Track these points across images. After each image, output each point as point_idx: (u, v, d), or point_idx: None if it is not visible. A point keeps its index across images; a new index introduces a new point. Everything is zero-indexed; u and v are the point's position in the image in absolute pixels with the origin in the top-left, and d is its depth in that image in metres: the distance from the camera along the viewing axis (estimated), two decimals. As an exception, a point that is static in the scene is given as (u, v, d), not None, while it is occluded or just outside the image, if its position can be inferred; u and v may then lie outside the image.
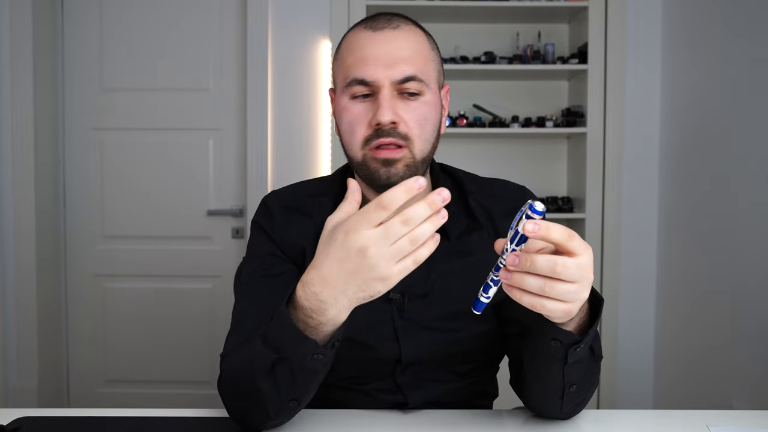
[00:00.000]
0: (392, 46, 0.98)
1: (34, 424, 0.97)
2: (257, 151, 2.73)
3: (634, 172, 2.73)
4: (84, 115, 2.84)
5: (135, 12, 2.80)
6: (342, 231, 0.75)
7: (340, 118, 1.02)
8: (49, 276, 2.78)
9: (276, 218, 1.09)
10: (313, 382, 0.88)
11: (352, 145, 1.01)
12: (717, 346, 2.23)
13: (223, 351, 1.00)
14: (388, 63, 0.97)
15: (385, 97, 0.97)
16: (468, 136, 2.82)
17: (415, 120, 0.99)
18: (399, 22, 1.01)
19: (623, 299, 2.74)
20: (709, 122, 2.32)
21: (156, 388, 2.84)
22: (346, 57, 1.01)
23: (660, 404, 2.67)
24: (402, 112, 0.98)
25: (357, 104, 1.00)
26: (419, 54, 1.00)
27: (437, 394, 1.07)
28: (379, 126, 0.97)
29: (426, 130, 1.00)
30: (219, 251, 2.83)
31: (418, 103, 0.99)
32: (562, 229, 0.73)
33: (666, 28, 2.68)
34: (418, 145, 0.99)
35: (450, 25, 2.82)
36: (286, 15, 2.72)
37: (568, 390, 0.91)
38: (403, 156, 0.98)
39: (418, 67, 0.99)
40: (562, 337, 0.84)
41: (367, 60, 0.98)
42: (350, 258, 0.74)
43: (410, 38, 1.01)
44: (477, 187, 1.12)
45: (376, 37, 0.99)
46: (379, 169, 0.99)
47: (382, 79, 0.97)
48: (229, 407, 0.95)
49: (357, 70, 0.98)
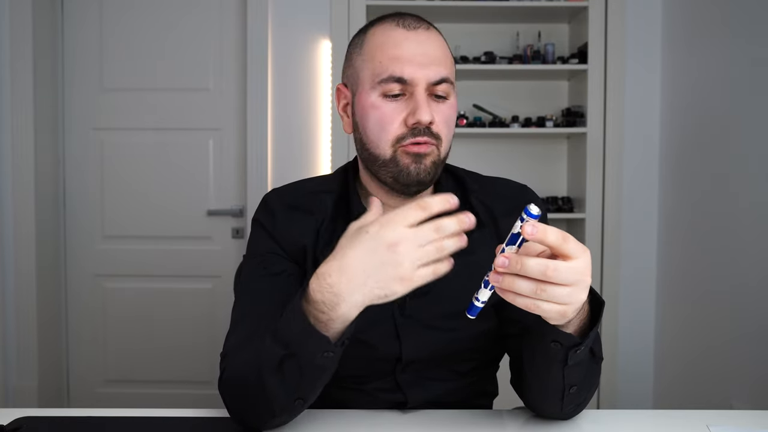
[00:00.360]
0: (427, 46, 0.99)
1: (34, 424, 0.97)
2: (257, 151, 2.73)
3: (634, 172, 2.73)
4: (84, 115, 2.84)
5: (135, 12, 2.80)
6: (377, 223, 0.76)
7: (365, 115, 1.01)
8: (49, 276, 2.78)
9: (277, 216, 1.09)
10: (320, 380, 0.88)
11: (381, 142, 1.00)
12: (717, 346, 2.23)
13: (222, 350, 1.00)
14: (423, 63, 0.98)
15: (423, 97, 0.98)
16: (468, 136, 2.82)
17: (444, 121, 1.01)
18: (428, 24, 1.03)
19: (623, 299, 2.74)
20: (709, 122, 2.32)
21: (156, 388, 2.84)
22: (377, 53, 1.00)
23: (660, 404, 2.67)
24: (434, 113, 0.99)
25: (388, 103, 0.99)
26: (447, 57, 1.02)
27: (437, 393, 1.07)
28: (416, 125, 0.98)
29: (451, 131, 1.03)
30: (219, 251, 2.83)
31: (446, 106, 1.01)
32: (557, 232, 0.73)
33: (666, 28, 2.68)
34: (444, 144, 1.02)
35: (450, 25, 2.82)
36: (286, 15, 2.72)
37: (568, 391, 0.91)
38: (432, 152, 1.00)
39: (448, 70, 1.01)
40: (562, 339, 0.84)
41: (403, 58, 0.98)
42: (379, 250, 0.75)
43: (440, 40, 1.03)
44: (479, 186, 1.12)
45: (412, 36, 0.99)
46: (410, 165, 0.99)
47: (419, 78, 0.98)
48: (231, 406, 0.95)
49: (394, 67, 0.98)
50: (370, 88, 1.00)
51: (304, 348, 0.83)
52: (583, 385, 0.92)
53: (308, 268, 1.07)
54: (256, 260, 1.08)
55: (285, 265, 1.06)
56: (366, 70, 1.01)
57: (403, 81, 0.98)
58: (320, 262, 1.05)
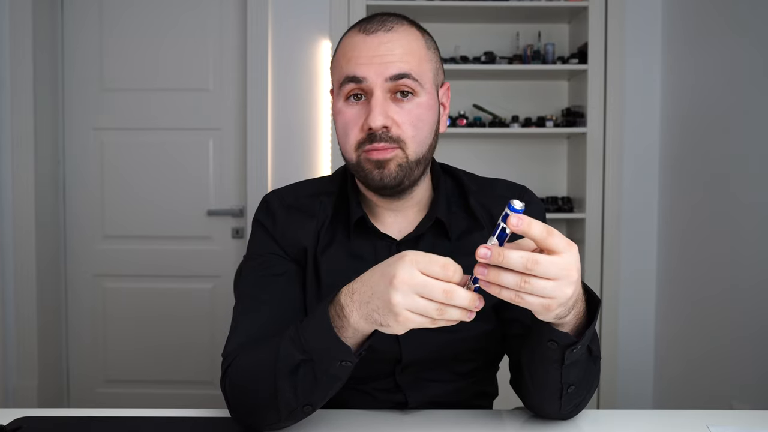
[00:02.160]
0: (385, 47, 0.98)
1: (34, 424, 0.97)
2: (257, 151, 2.73)
3: (634, 172, 2.73)
4: (84, 115, 2.84)
5: (135, 12, 2.80)
6: (404, 253, 0.77)
7: (336, 121, 1.03)
8: (49, 276, 2.78)
9: (277, 217, 1.09)
10: (332, 389, 0.89)
11: (347, 148, 1.01)
12: (717, 346, 2.23)
13: (224, 350, 1.00)
14: (380, 62, 0.97)
15: (377, 100, 0.96)
16: (468, 136, 2.82)
17: (409, 122, 0.98)
18: (393, 23, 1.00)
19: (623, 299, 2.74)
20: (709, 122, 2.32)
21: (156, 388, 2.84)
22: (340, 58, 1.01)
23: (660, 404, 2.67)
24: (395, 114, 0.97)
25: (350, 107, 0.99)
26: (412, 54, 0.99)
27: (437, 393, 1.07)
28: (371, 131, 0.97)
29: (421, 131, 0.99)
30: (219, 251, 2.83)
31: (412, 105, 0.98)
32: (541, 225, 0.73)
33: (666, 28, 2.68)
34: (411, 146, 0.98)
35: (450, 25, 2.82)
36: (286, 15, 2.72)
37: (567, 390, 0.92)
38: (395, 156, 0.98)
39: (411, 66, 0.98)
40: (558, 338, 0.84)
41: (359, 59, 0.98)
42: (385, 276, 0.77)
43: (403, 38, 0.99)
44: (478, 187, 1.12)
45: (369, 40, 0.98)
46: (372, 171, 0.98)
47: (374, 77, 0.96)
48: (235, 406, 0.95)
49: (348, 67, 0.98)
50: (337, 94, 1.02)
51: (324, 355, 0.84)
52: (581, 384, 0.92)
53: (308, 270, 1.07)
54: (257, 261, 1.08)
55: (286, 266, 1.06)
56: (334, 75, 1.03)
57: (357, 80, 0.97)
58: (320, 265, 1.06)
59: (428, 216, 1.07)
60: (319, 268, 1.06)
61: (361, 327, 0.81)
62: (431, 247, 1.06)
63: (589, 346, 0.89)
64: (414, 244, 1.06)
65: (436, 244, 1.06)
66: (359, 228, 1.07)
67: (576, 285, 0.76)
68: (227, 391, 0.95)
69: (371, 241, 1.06)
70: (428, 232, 1.07)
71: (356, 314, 0.81)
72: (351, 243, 1.07)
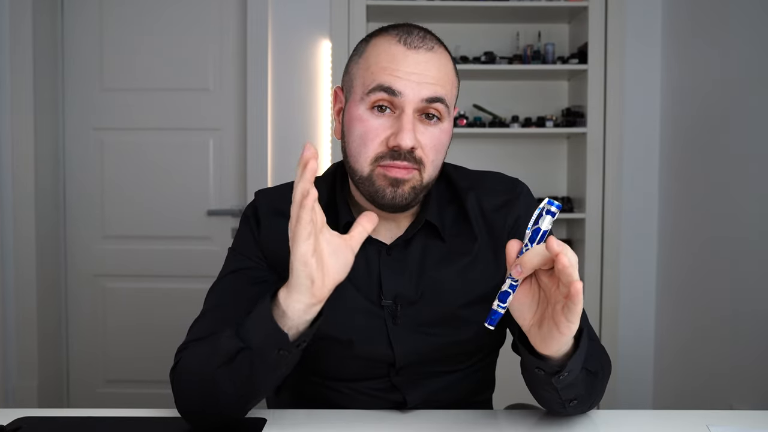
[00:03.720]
0: (424, 66, 0.95)
1: (34, 424, 0.97)
2: (257, 151, 2.73)
3: (634, 172, 2.73)
4: (84, 115, 2.84)
5: (135, 12, 2.80)
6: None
7: (351, 126, 0.98)
8: (49, 276, 2.78)
9: (263, 222, 1.08)
10: (270, 379, 0.88)
11: (361, 159, 0.97)
12: (717, 347, 2.23)
13: (183, 341, 1.01)
14: (419, 81, 0.94)
15: (409, 119, 0.94)
16: (468, 136, 2.82)
17: (432, 146, 0.97)
18: (433, 44, 0.98)
19: (623, 299, 2.74)
20: (709, 122, 2.32)
21: (156, 388, 2.83)
22: (373, 64, 0.97)
23: (660, 404, 2.67)
24: (420, 136, 0.95)
25: (374, 117, 0.96)
26: (447, 78, 0.98)
27: (435, 391, 1.07)
28: (397, 148, 0.94)
29: (440, 155, 0.99)
30: (219, 251, 2.83)
31: (437, 130, 0.97)
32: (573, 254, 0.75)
33: (666, 28, 2.68)
34: (429, 170, 0.97)
35: (450, 25, 2.82)
36: (286, 15, 2.72)
37: (569, 404, 0.92)
38: (413, 177, 0.96)
39: (445, 91, 0.97)
40: (544, 366, 0.85)
41: (398, 72, 0.94)
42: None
43: (441, 61, 0.98)
44: (469, 182, 1.10)
45: (411, 55, 0.95)
46: (386, 188, 0.96)
47: (410, 94, 0.94)
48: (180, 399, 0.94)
49: (384, 77, 0.95)
50: (360, 99, 0.97)
51: (261, 342, 0.83)
52: (584, 398, 0.92)
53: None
54: (237, 258, 1.08)
55: (262, 273, 1.06)
56: (359, 78, 0.99)
57: (391, 92, 0.94)
58: None
59: (418, 219, 1.05)
60: None
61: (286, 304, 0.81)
62: (422, 249, 1.05)
63: (586, 367, 0.88)
64: (404, 248, 1.05)
65: (427, 246, 1.05)
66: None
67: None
68: (174, 384, 0.95)
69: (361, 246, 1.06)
70: (419, 234, 1.05)
71: (282, 292, 0.82)
72: None
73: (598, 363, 0.93)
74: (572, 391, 0.89)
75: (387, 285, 1.03)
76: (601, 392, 0.98)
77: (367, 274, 1.04)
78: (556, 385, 0.86)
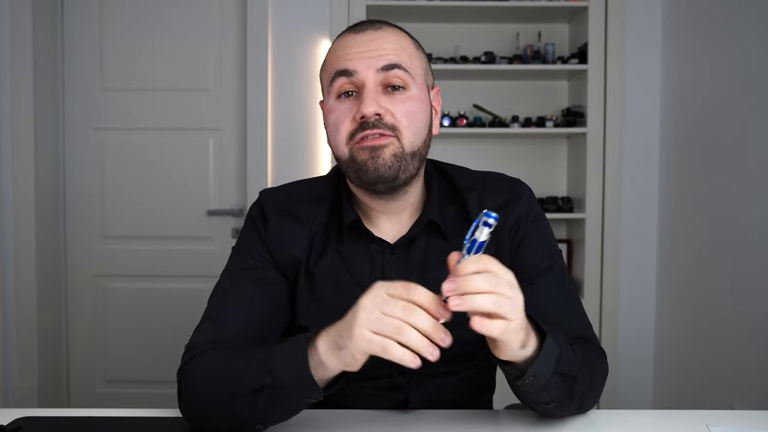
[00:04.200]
0: (375, 42, 0.99)
1: (34, 424, 0.97)
2: (257, 151, 2.73)
3: (634, 172, 2.73)
4: (84, 115, 2.83)
5: (135, 12, 2.80)
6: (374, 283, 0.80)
7: (326, 119, 1.02)
8: (49, 276, 2.78)
9: (269, 222, 1.08)
10: (290, 415, 0.90)
11: (338, 142, 0.99)
12: (717, 347, 2.23)
13: (190, 342, 1.01)
14: (370, 56, 0.97)
15: (369, 90, 0.96)
16: (468, 136, 2.82)
17: (403, 112, 0.98)
18: (382, 24, 1.02)
19: (623, 299, 2.74)
20: (709, 122, 2.32)
21: (156, 388, 2.83)
22: (330, 59, 1.02)
23: (660, 404, 2.67)
24: (388, 104, 0.97)
25: (341, 103, 0.99)
26: (402, 49, 1.00)
27: (437, 391, 1.07)
28: (363, 119, 0.96)
29: (415, 123, 0.98)
30: (219, 251, 2.83)
31: (404, 97, 0.98)
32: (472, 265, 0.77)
33: (666, 28, 2.68)
34: (407, 136, 0.97)
35: (450, 25, 2.82)
36: (286, 15, 2.72)
37: (547, 406, 0.92)
38: (390, 143, 0.96)
39: (402, 59, 0.99)
40: (509, 369, 0.85)
41: (349, 54, 0.98)
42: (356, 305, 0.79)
43: (392, 36, 1.01)
44: (470, 183, 1.11)
45: (359, 37, 1.00)
46: (367, 161, 0.96)
47: (364, 69, 0.97)
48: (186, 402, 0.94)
49: (341, 63, 0.99)
50: (327, 93, 1.02)
51: (291, 386, 0.84)
52: (563, 402, 0.92)
53: (300, 280, 1.06)
54: (242, 258, 1.08)
55: (268, 272, 1.06)
56: (325, 79, 1.03)
57: (348, 74, 0.97)
58: (314, 274, 1.05)
59: (421, 218, 1.06)
60: (314, 276, 1.05)
61: (326, 359, 0.81)
62: (425, 248, 1.06)
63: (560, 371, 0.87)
64: (408, 247, 1.05)
65: (430, 245, 1.06)
66: (352, 232, 1.05)
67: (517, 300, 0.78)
68: (182, 385, 0.95)
69: (365, 245, 1.05)
70: (422, 233, 1.06)
71: (324, 343, 0.81)
72: (344, 248, 1.06)
73: (578, 368, 0.92)
74: (547, 394, 0.89)
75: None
76: (590, 395, 0.96)
77: (371, 273, 1.05)
78: (524, 388, 0.86)
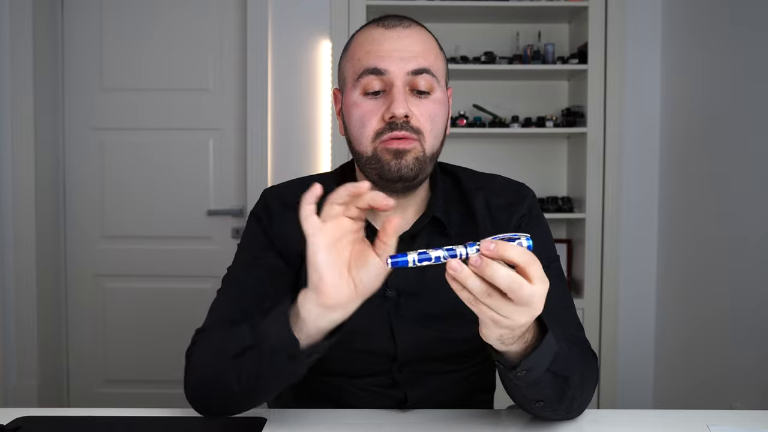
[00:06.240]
0: (405, 41, 1.00)
1: (34, 424, 0.97)
2: (257, 151, 2.73)
3: (634, 172, 2.73)
4: (84, 115, 2.84)
5: (135, 12, 2.80)
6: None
7: (349, 114, 1.02)
8: (49, 276, 2.78)
9: (274, 216, 1.09)
10: (278, 383, 0.90)
11: (362, 139, 1.00)
12: (717, 347, 2.23)
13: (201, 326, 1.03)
14: (401, 56, 0.98)
15: (399, 90, 0.97)
16: (468, 136, 2.82)
17: (426, 115, 1.00)
18: (409, 22, 1.03)
19: (623, 299, 2.74)
20: (709, 122, 2.32)
21: (156, 388, 2.83)
22: (357, 52, 1.02)
23: (660, 404, 2.67)
24: (413, 107, 0.99)
25: (368, 100, 1.00)
26: (430, 51, 1.02)
27: (437, 389, 1.07)
28: (392, 119, 0.97)
29: (437, 126, 1.01)
30: (219, 251, 2.83)
31: (428, 101, 1.00)
32: (523, 251, 0.71)
33: (666, 27, 2.68)
34: (429, 140, 1.00)
35: (450, 25, 2.82)
36: (286, 15, 2.72)
37: (534, 404, 0.91)
38: (414, 148, 0.99)
39: (429, 62, 1.00)
40: (501, 360, 0.85)
41: (380, 52, 0.99)
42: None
43: (421, 36, 1.02)
44: (475, 183, 1.13)
45: (389, 34, 1.00)
46: (390, 161, 0.98)
47: (396, 70, 0.98)
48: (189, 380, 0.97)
49: (370, 61, 0.99)
50: (352, 86, 1.01)
51: (272, 342, 0.85)
52: (552, 402, 0.91)
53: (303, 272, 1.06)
54: (247, 253, 1.09)
55: (274, 261, 1.07)
56: (349, 70, 1.03)
57: (378, 72, 0.98)
58: None
59: (425, 214, 1.07)
60: None
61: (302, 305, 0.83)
62: (427, 244, 1.06)
63: (553, 370, 0.86)
64: (410, 242, 1.06)
65: (431, 242, 1.06)
66: None
67: (532, 317, 0.75)
68: (186, 366, 0.98)
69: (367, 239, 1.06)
70: (424, 230, 1.07)
71: (301, 294, 0.84)
72: None
73: (573, 369, 0.91)
74: (536, 392, 0.88)
75: (392, 277, 1.04)
76: (579, 399, 0.95)
77: None
78: (516, 382, 0.86)
